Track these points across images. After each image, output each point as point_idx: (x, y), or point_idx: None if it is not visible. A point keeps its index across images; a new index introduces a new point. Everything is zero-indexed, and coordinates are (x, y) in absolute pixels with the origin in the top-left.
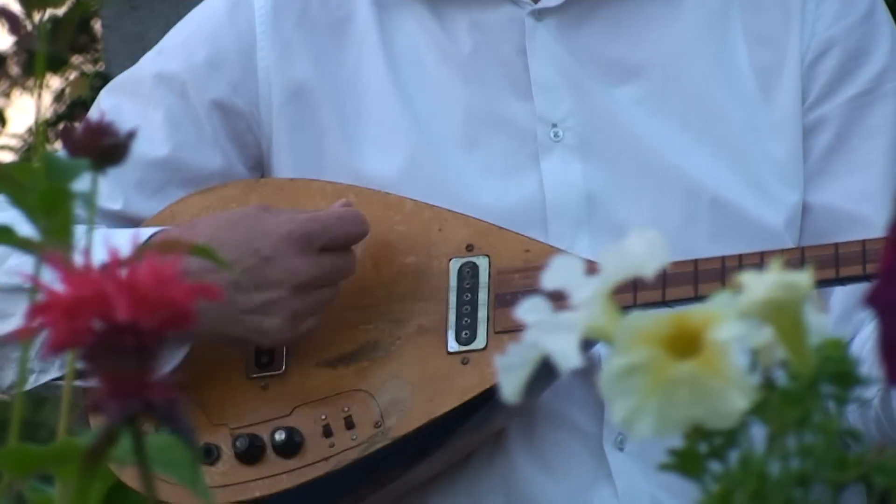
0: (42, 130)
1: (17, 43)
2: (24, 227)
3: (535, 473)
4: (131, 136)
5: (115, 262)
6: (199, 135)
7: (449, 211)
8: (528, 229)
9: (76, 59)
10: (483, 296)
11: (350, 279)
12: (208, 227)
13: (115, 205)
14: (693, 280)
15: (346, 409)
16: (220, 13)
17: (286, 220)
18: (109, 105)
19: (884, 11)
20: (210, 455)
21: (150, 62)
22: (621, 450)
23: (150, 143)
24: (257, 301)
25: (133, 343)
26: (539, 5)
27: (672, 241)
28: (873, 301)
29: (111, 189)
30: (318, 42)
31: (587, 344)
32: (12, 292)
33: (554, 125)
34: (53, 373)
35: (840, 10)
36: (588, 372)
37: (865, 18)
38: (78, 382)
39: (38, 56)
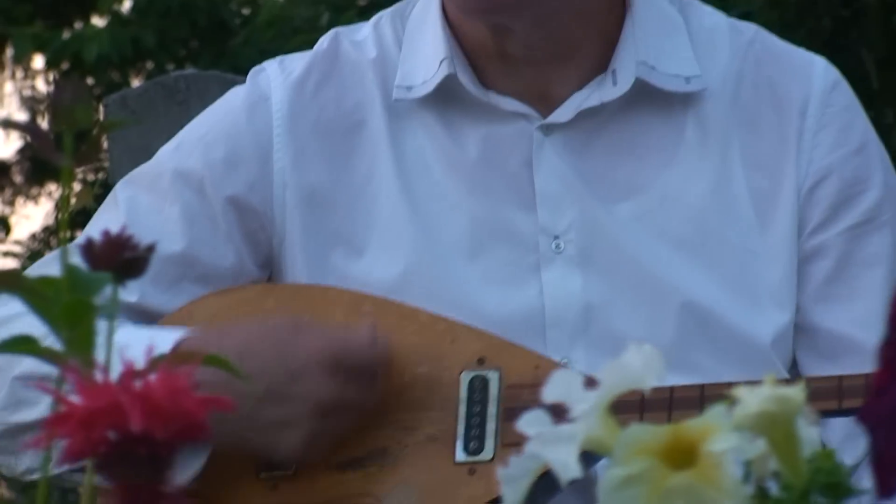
0: (65, 240)
1: (20, 152)
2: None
3: None
4: (151, 249)
5: (129, 374)
6: (213, 231)
7: (462, 324)
8: (526, 337)
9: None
10: (493, 409)
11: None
12: (240, 335)
13: (131, 297)
14: (699, 404)
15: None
16: (238, 112)
17: (317, 338)
18: (126, 197)
19: (877, 144)
20: None
21: (167, 157)
22: None
23: (166, 239)
24: (279, 416)
25: (147, 453)
26: (548, 120)
27: (666, 353)
28: (864, 417)
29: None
30: (332, 146)
31: (589, 460)
32: (41, 379)
33: (556, 237)
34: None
35: (836, 140)
36: (582, 482)
37: (860, 149)
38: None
39: (63, 170)
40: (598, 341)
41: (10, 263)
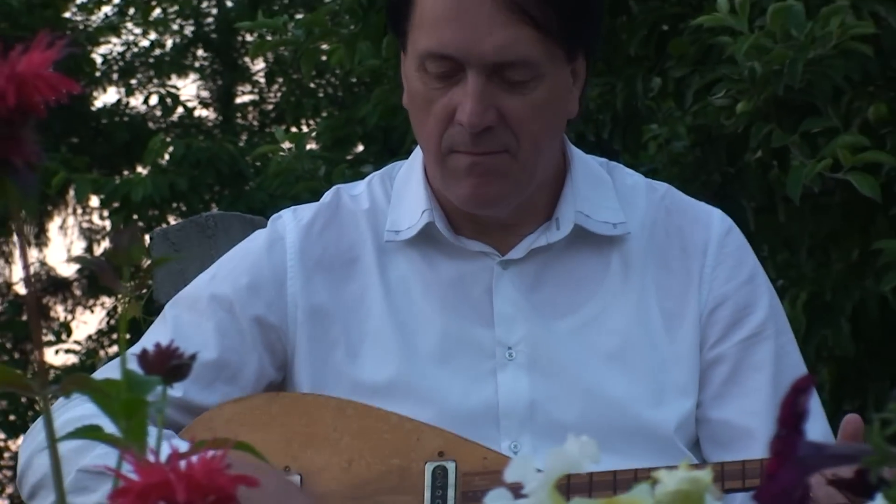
0: (124, 350)
1: (78, 271)
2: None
3: None
4: (193, 358)
5: (176, 456)
6: (241, 342)
7: (425, 424)
8: (484, 425)
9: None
10: (451, 493)
11: (349, 473)
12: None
13: (177, 394)
14: (612, 487)
15: None
16: (260, 249)
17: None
18: (172, 315)
19: (764, 276)
20: None
21: (205, 284)
22: None
23: (204, 348)
24: None
25: None
26: (506, 258)
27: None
28: (759, 497)
29: None
30: (332, 275)
31: None
32: (98, 474)
33: (509, 348)
34: None
35: (730, 273)
36: None
37: (749, 280)
38: None
39: (122, 300)
40: (540, 429)
41: (72, 358)
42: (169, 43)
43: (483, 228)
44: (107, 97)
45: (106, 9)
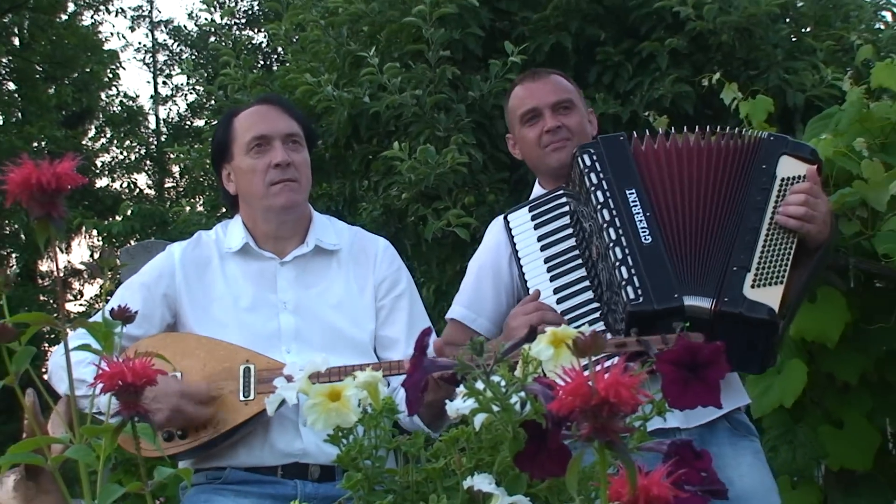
0: (104, 305)
1: (85, 267)
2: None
3: (274, 433)
4: (136, 313)
5: (126, 359)
6: (154, 304)
7: (241, 346)
8: (274, 340)
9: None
10: (252, 380)
11: (204, 371)
12: (160, 380)
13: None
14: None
15: (204, 422)
16: (163, 260)
17: (180, 383)
18: (120, 294)
19: (405, 268)
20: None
21: (137, 277)
22: (305, 426)
23: (135, 307)
24: (157, 407)
25: (133, 390)
26: (282, 261)
27: (329, 349)
28: (404, 385)
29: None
30: (198, 271)
31: (299, 399)
32: (81, 381)
33: (285, 303)
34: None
35: (387, 266)
36: (297, 405)
37: (397, 270)
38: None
39: (104, 284)
40: (301, 342)
41: (81, 309)
42: (133, 157)
43: (273, 246)
44: (101, 182)
45: (102, 140)
